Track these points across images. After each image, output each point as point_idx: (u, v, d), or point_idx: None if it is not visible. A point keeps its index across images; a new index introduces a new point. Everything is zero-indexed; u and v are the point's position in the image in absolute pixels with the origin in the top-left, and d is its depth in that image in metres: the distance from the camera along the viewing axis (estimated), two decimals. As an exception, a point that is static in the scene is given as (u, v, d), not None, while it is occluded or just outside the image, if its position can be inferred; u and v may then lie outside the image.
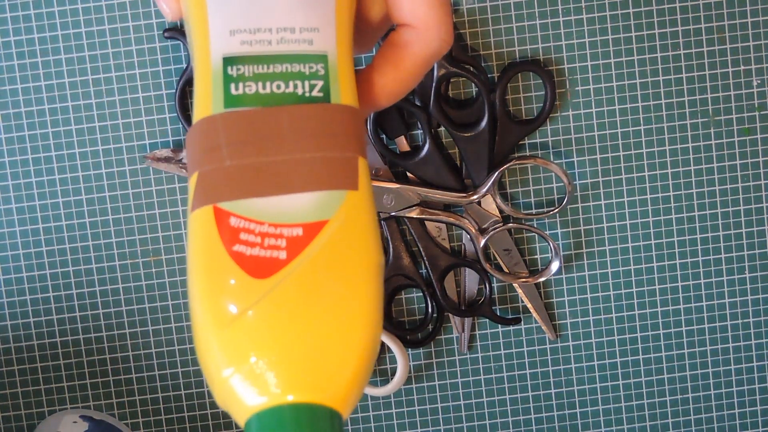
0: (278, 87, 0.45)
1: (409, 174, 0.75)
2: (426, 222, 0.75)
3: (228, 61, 0.45)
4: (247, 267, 0.43)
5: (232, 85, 0.45)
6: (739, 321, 0.77)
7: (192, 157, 0.45)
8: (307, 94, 0.45)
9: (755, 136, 0.75)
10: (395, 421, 0.77)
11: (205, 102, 0.45)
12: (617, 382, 0.77)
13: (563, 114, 0.75)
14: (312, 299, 0.43)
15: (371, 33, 0.49)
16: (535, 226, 0.75)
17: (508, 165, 0.73)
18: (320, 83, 0.45)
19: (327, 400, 0.42)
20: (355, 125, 0.45)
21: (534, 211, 0.75)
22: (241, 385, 0.42)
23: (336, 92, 0.45)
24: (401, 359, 0.75)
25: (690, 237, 0.76)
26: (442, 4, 0.47)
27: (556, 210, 0.74)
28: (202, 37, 0.45)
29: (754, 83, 0.75)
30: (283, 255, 0.43)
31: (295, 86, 0.45)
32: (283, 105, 0.45)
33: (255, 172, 0.44)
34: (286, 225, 0.43)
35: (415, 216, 0.74)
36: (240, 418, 0.42)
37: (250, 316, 0.42)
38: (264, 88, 0.45)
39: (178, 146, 0.74)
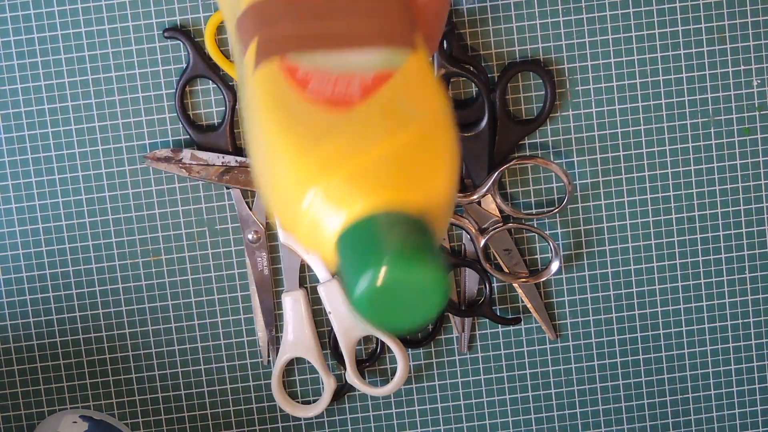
0: None
1: (409, 174, 0.75)
2: (426, 222, 0.75)
3: None
4: (322, 103, 0.42)
5: None
6: (739, 321, 0.77)
7: (244, 33, 0.44)
8: None
9: (755, 136, 0.75)
10: (395, 421, 0.77)
11: None
12: (617, 382, 0.77)
13: (563, 114, 0.75)
14: (394, 123, 0.42)
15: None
16: (535, 226, 0.75)
17: (508, 165, 0.73)
18: None
19: (419, 210, 0.41)
20: (407, 3, 0.45)
21: (534, 211, 0.75)
22: (327, 202, 0.40)
23: None
24: (401, 359, 0.75)
25: (690, 237, 0.76)
26: None
27: (556, 210, 0.74)
28: None
29: (754, 83, 0.75)
30: (357, 94, 0.42)
31: None
32: None
33: (317, 32, 0.43)
34: (355, 73, 0.43)
35: (415, 216, 0.74)
36: (329, 240, 0.41)
37: (333, 137, 0.41)
38: None
39: (178, 146, 0.74)
